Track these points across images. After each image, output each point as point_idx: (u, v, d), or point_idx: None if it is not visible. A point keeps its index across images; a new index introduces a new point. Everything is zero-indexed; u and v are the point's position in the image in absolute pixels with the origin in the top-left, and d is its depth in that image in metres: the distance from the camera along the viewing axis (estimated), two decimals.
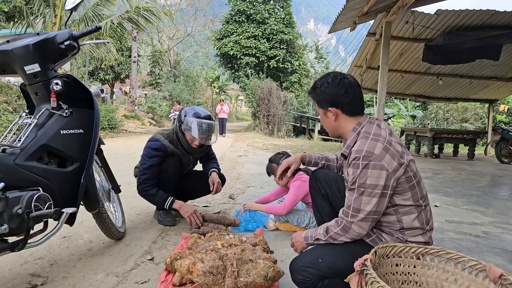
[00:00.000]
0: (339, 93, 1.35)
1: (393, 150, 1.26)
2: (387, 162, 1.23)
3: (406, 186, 1.27)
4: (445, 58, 7.37)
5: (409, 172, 1.27)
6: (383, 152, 1.24)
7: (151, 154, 2.24)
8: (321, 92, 1.39)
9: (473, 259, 1.22)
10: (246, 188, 3.83)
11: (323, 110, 1.42)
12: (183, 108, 2.35)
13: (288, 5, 19.56)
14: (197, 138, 2.23)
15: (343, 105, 1.36)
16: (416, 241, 1.32)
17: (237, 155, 7.04)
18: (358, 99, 1.37)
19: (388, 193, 1.25)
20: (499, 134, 7.96)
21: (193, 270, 1.47)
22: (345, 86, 1.35)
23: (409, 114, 18.99)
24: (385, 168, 1.22)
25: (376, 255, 1.26)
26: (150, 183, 2.24)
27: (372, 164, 1.22)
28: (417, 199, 1.29)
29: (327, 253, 1.33)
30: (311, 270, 1.30)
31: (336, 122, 1.40)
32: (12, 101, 7.71)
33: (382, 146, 1.25)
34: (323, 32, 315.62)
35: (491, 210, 3.31)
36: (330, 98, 1.36)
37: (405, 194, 1.28)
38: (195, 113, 2.27)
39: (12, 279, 1.58)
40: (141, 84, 24.41)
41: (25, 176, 1.36)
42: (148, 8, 10.84)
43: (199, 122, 2.21)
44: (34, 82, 1.50)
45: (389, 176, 1.23)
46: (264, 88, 15.49)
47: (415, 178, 1.29)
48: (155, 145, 2.26)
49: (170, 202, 2.26)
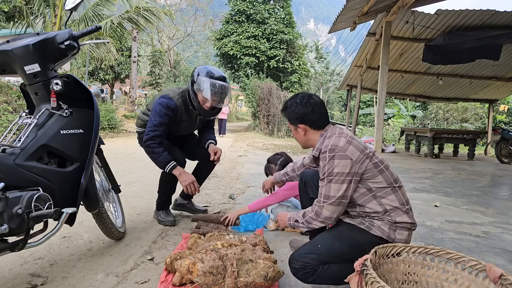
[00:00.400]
0: (306, 112, 1.56)
1: (356, 143, 1.46)
2: (351, 152, 1.42)
3: (375, 171, 1.44)
4: (445, 58, 7.37)
5: (374, 159, 1.46)
6: (347, 144, 1.44)
7: (163, 112, 2.12)
8: (291, 111, 1.61)
9: (473, 259, 1.22)
10: (246, 188, 3.83)
11: (294, 126, 1.63)
12: (196, 67, 2.24)
13: (288, 5, 19.55)
14: (209, 99, 2.12)
15: (311, 122, 1.57)
16: (403, 221, 1.43)
17: (237, 155, 7.04)
18: (323, 115, 1.59)
19: (354, 179, 1.41)
20: (499, 134, 7.96)
21: (193, 270, 1.47)
22: (312, 105, 1.57)
23: (409, 114, 18.98)
24: (349, 157, 1.41)
25: (376, 255, 1.26)
26: (158, 140, 2.12)
27: (337, 155, 1.41)
28: (390, 181, 1.46)
29: (325, 239, 1.48)
30: (311, 255, 1.42)
31: (306, 136, 1.61)
32: (12, 101, 7.71)
33: (345, 140, 1.45)
34: (323, 32, 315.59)
35: (491, 210, 3.31)
36: (299, 117, 1.58)
37: (376, 178, 1.44)
38: (208, 72, 2.14)
39: (12, 279, 1.58)
40: (141, 84, 24.42)
41: (25, 176, 1.36)
42: (148, 8, 10.84)
43: (212, 83, 2.09)
44: (34, 82, 1.50)
45: (354, 165, 1.41)
46: (264, 88, 15.49)
47: (382, 164, 1.48)
48: (169, 103, 2.15)
49: (171, 166, 2.14)
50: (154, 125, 2.12)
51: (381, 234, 1.42)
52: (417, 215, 2.99)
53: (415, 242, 2.31)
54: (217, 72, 2.18)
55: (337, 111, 27.94)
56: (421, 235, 2.43)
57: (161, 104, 2.14)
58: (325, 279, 1.43)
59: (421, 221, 2.79)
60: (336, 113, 26.86)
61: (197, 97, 2.15)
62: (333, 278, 1.44)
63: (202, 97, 2.14)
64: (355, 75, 10.50)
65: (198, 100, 2.16)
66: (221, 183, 4.07)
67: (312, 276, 1.41)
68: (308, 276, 1.42)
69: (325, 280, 1.44)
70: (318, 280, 1.43)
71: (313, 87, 27.18)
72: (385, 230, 1.42)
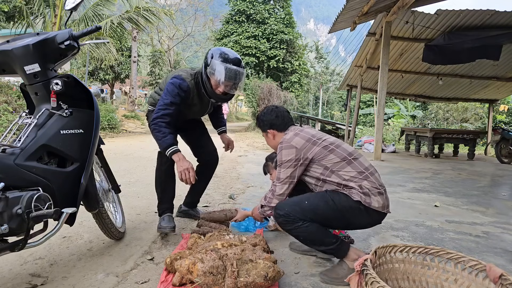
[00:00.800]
0: (271, 118, 1.91)
1: (303, 134, 1.76)
2: (296, 142, 1.73)
3: (325, 151, 1.70)
4: (445, 58, 7.37)
5: (323, 143, 1.73)
6: (293, 136, 1.76)
7: (175, 92, 2.05)
8: (261, 121, 1.95)
9: (473, 259, 1.22)
10: (246, 188, 3.83)
11: (265, 133, 1.95)
12: (210, 49, 2.15)
13: (288, 5, 19.56)
14: (222, 85, 2.04)
15: (276, 126, 1.91)
16: (367, 186, 1.62)
17: (237, 155, 7.04)
18: (286, 119, 1.91)
19: (300, 163, 1.72)
20: (499, 134, 7.95)
21: (193, 270, 1.47)
22: (276, 113, 1.91)
23: (409, 114, 18.98)
24: (294, 146, 1.72)
25: (376, 255, 1.26)
26: (167, 119, 2.04)
27: (284, 145, 1.74)
28: (343, 156, 1.69)
29: (313, 197, 1.68)
30: (296, 207, 1.64)
31: (275, 140, 1.92)
32: (12, 101, 7.71)
33: (293, 133, 1.78)
34: (323, 32, 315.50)
35: (491, 210, 3.31)
36: (268, 123, 1.92)
37: (328, 157, 1.70)
38: (222, 54, 2.04)
39: (12, 279, 1.58)
40: (141, 84, 24.42)
41: (25, 176, 1.36)
42: (148, 8, 10.83)
43: (227, 68, 2.00)
44: (34, 82, 1.50)
45: (298, 152, 1.71)
46: (264, 88, 15.49)
47: (332, 144, 1.73)
48: (182, 84, 2.07)
49: (172, 150, 2.02)
50: (165, 104, 2.04)
51: (359, 199, 1.60)
52: (417, 215, 3.00)
53: (415, 242, 2.31)
54: (232, 54, 2.08)
55: (337, 111, 27.93)
56: (421, 235, 2.43)
57: (173, 84, 2.07)
58: (299, 234, 1.65)
59: (421, 221, 2.79)
60: (336, 113, 26.84)
61: (210, 81, 2.08)
62: (305, 237, 1.65)
63: (215, 82, 2.06)
64: (355, 75, 10.50)
65: (211, 84, 2.08)
66: (221, 183, 4.07)
67: (290, 226, 1.63)
68: (287, 225, 1.64)
69: (298, 235, 1.66)
70: (293, 232, 1.65)
71: (313, 87, 27.19)
72: (361, 196, 1.60)
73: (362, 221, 1.66)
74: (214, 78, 2.04)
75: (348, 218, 1.63)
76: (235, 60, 2.06)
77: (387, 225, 2.62)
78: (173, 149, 2.03)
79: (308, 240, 1.66)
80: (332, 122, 18.26)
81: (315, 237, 1.63)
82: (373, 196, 1.60)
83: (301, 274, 1.73)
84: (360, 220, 1.65)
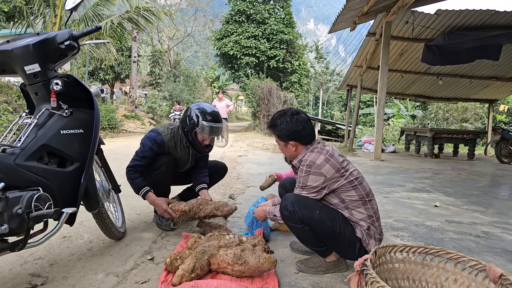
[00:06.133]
0: (297, 129, 1.70)
1: (333, 162, 1.64)
2: (326, 170, 1.62)
3: (349, 186, 1.65)
4: (444, 58, 7.37)
5: (349, 177, 1.66)
6: (324, 162, 1.63)
7: (148, 146, 2.25)
8: (282, 129, 1.73)
9: (473, 259, 1.22)
10: (246, 188, 3.83)
11: (283, 142, 1.76)
12: (191, 107, 2.30)
13: (288, 5, 19.53)
14: (209, 138, 2.27)
15: (301, 138, 1.72)
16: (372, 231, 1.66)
17: (237, 155, 7.04)
18: (311, 131, 1.75)
19: (324, 190, 1.65)
20: (499, 134, 7.95)
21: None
22: (301, 123, 1.71)
23: (409, 114, 18.98)
24: (324, 175, 1.62)
25: (376, 255, 1.26)
26: (137, 169, 2.26)
27: (313, 171, 1.62)
28: (362, 196, 1.66)
29: (325, 211, 1.65)
30: (305, 212, 1.61)
31: (296, 151, 1.76)
32: (12, 101, 7.70)
33: (324, 158, 1.64)
34: (323, 32, 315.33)
35: (491, 210, 3.31)
36: (290, 134, 1.71)
37: (349, 192, 1.65)
38: (204, 112, 2.24)
39: (12, 279, 1.58)
40: (141, 84, 24.39)
41: (25, 176, 1.36)
42: (148, 8, 10.82)
43: (211, 128, 2.21)
44: (34, 82, 1.50)
45: (326, 181, 1.63)
46: (264, 88, 15.47)
47: (356, 180, 1.67)
48: (155, 139, 2.26)
49: (144, 192, 2.22)
50: (138, 156, 2.26)
51: (361, 237, 1.64)
52: (417, 215, 3.00)
53: (415, 242, 2.31)
54: (211, 109, 2.29)
55: (337, 111, 27.92)
56: (421, 235, 2.43)
57: (148, 138, 2.27)
58: (297, 233, 1.69)
59: (421, 221, 2.79)
60: (336, 113, 26.83)
61: (197, 136, 2.26)
62: (298, 234, 1.70)
63: (202, 137, 2.26)
64: (355, 75, 10.50)
65: (198, 138, 2.27)
66: (221, 183, 4.06)
67: (291, 223, 1.66)
68: (289, 221, 1.66)
69: (293, 230, 1.69)
70: (292, 228, 1.69)
71: (313, 87, 27.19)
72: (364, 236, 1.64)
73: (349, 253, 1.68)
74: (202, 135, 2.24)
75: (341, 246, 1.67)
76: (215, 114, 2.25)
77: (387, 225, 2.62)
78: (145, 190, 2.23)
79: (299, 237, 1.74)
80: (332, 122, 18.25)
81: (308, 238, 1.70)
82: (373, 241, 1.65)
83: (301, 274, 1.73)
84: (348, 252, 1.68)
